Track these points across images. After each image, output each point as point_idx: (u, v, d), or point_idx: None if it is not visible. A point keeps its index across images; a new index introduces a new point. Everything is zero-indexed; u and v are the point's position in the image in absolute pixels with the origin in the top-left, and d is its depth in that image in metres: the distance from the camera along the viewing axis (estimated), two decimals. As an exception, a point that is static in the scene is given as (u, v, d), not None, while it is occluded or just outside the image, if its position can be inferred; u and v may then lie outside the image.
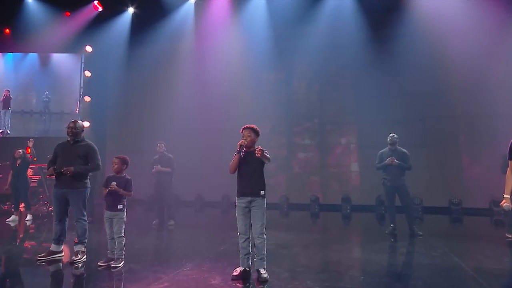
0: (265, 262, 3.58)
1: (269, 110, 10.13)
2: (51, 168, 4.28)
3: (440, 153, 8.72)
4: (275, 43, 9.55)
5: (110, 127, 10.99)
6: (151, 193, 7.17)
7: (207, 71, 9.99)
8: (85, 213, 4.40)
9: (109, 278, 3.67)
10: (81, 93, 10.68)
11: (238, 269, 3.60)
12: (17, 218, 7.21)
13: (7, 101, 10.81)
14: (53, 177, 4.34)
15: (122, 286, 3.43)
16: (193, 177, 9.27)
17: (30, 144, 7.86)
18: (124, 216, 4.16)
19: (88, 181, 4.43)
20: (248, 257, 3.62)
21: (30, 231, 6.32)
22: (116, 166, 4.17)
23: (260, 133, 3.75)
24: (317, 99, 9.95)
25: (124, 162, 4.25)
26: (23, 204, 7.95)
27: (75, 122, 4.43)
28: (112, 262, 3.98)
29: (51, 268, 3.97)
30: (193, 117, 9.95)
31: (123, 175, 4.21)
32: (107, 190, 4.04)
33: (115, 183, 4.09)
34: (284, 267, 3.99)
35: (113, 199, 4.08)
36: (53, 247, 4.35)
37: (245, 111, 10.05)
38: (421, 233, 5.72)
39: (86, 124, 10.44)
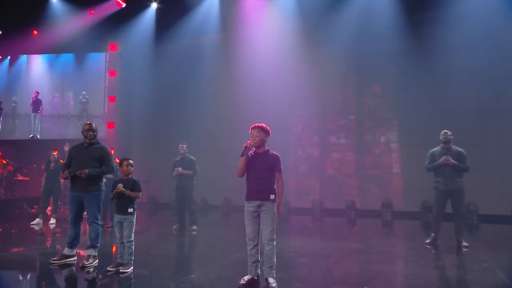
0: (274, 271, 3.62)
1: (300, 106, 10.13)
2: (66, 171, 4.60)
3: (501, 152, 8.19)
4: (306, 34, 9.52)
5: (135, 128, 11.57)
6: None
7: (234, 66, 10.18)
8: (99, 217, 4.71)
9: (114, 284, 3.91)
10: (106, 93, 11.37)
11: (246, 278, 3.67)
12: (41, 221, 7.84)
13: (36, 104, 11.69)
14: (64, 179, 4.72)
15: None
16: (221, 180, 9.51)
17: (66, 148, 8.36)
18: (134, 220, 4.38)
19: (102, 184, 4.73)
20: (257, 265, 3.68)
21: (57, 235, 6.81)
22: (130, 168, 4.44)
23: (270, 132, 3.77)
24: (353, 93, 9.78)
25: (132, 165, 4.52)
26: (50, 208, 8.62)
27: (90, 124, 4.73)
28: (121, 267, 4.23)
29: (64, 272, 4.29)
30: (221, 116, 10.19)
31: (129, 177, 4.47)
32: (114, 193, 4.32)
33: (121, 185, 4.35)
34: (298, 277, 4.01)
35: (123, 202, 4.32)
36: (66, 250, 4.66)
37: (275, 108, 10.13)
38: (466, 244, 5.46)
39: (111, 125, 11.13)
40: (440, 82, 8.57)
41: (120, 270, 4.16)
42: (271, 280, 3.58)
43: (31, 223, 7.78)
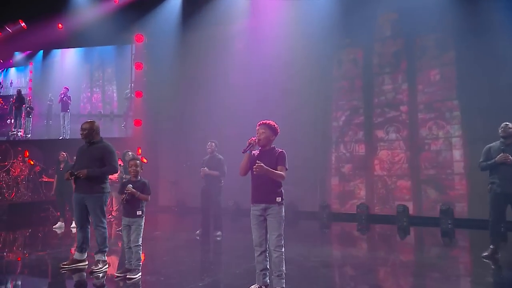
0: (284, 280, 3.69)
1: (341, 96, 10.02)
2: (68, 172, 4.97)
3: None
4: (344, 14, 9.39)
5: (162, 125, 12.04)
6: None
7: (265, 54, 10.28)
8: (104, 220, 4.99)
9: None
10: (132, 88, 11.96)
11: (253, 287, 3.79)
12: (63, 224, 8.48)
13: (65, 102, 12.48)
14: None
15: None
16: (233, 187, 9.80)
17: (61, 157, 8.83)
18: (143, 224, 4.65)
19: (106, 185, 5.02)
20: (265, 274, 3.79)
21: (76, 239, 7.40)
22: (137, 169, 4.71)
23: (278, 131, 3.88)
24: (405, 80, 9.49)
25: (142, 166, 4.78)
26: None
27: (87, 123, 5.04)
28: (128, 273, 4.50)
29: (73, 277, 4.65)
30: (253, 110, 10.31)
31: (138, 179, 4.74)
32: (124, 195, 4.60)
33: (131, 186, 4.61)
34: None
35: (132, 205, 4.59)
36: (76, 255, 5.02)
37: (312, 101, 10.14)
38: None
39: (138, 123, 11.70)
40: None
41: (127, 276, 4.45)
42: None
43: (53, 226, 8.44)
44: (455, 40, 8.91)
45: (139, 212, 4.61)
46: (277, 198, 3.73)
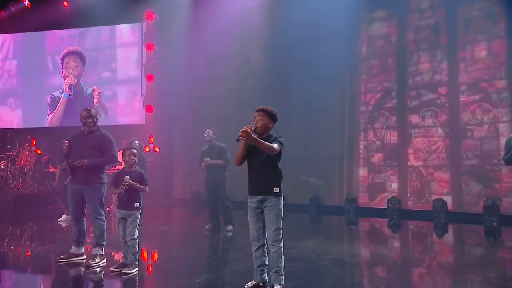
0: (282, 277, 3.82)
1: (371, 78, 9.92)
2: (65, 162, 5.16)
3: None
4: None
5: (175, 112, 12.24)
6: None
7: (287, 31, 10.25)
8: (102, 212, 5.20)
9: (115, 285, 4.43)
10: (143, 71, 12.17)
11: (250, 284, 3.92)
12: (67, 217, 8.84)
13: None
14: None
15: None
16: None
17: (65, 147, 9.25)
18: (139, 216, 4.85)
19: (104, 176, 5.23)
20: (263, 270, 3.92)
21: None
22: (133, 158, 4.87)
23: (277, 118, 3.98)
24: (444, 57, 9.29)
25: (136, 155, 4.93)
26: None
27: (89, 110, 5.25)
28: (124, 268, 4.68)
29: (68, 272, 4.90)
30: (273, 92, 10.39)
31: (134, 169, 4.88)
32: (122, 186, 4.71)
33: (128, 177, 4.76)
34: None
35: (129, 196, 4.76)
36: (73, 249, 5.27)
37: (336, 84, 10.09)
38: None
39: (150, 109, 11.95)
40: None
41: (123, 271, 4.64)
42: (276, 287, 3.79)
43: (58, 220, 8.84)
44: (505, 9, 8.61)
45: (136, 204, 4.79)
46: (274, 188, 3.83)
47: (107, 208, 9.49)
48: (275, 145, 3.79)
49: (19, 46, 13.63)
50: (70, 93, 12.70)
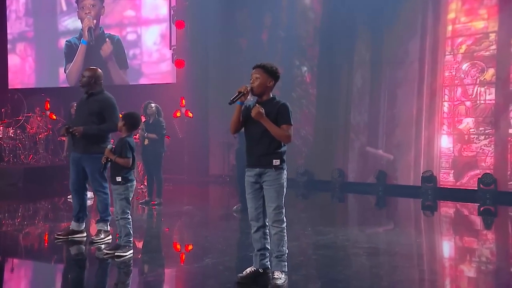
0: (284, 263, 4.06)
1: (461, 14, 9.65)
2: (64, 127, 5.66)
3: None
4: None
5: (212, 70, 12.61)
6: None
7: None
8: (105, 185, 5.69)
9: (101, 268, 4.92)
10: (171, 16, 12.46)
11: (248, 270, 4.18)
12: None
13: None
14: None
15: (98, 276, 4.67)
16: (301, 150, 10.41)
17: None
18: (127, 192, 5.13)
19: (106, 145, 5.52)
20: (264, 254, 4.17)
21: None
22: (119, 123, 5.19)
23: (278, 75, 4.12)
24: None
25: (124, 118, 5.16)
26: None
27: (88, 69, 5.74)
28: (117, 251, 5.06)
29: (71, 250, 5.49)
30: (332, 47, 10.67)
31: (123, 137, 5.16)
32: (104, 158, 5.11)
33: (110, 146, 5.19)
34: (329, 277, 4.42)
35: (112, 169, 5.15)
36: (72, 225, 5.80)
37: (417, 22, 9.94)
38: None
39: (181, 64, 12.31)
40: None
41: (116, 254, 5.04)
42: (277, 274, 4.02)
43: (68, 197, 9.53)
44: None
45: (118, 179, 5.10)
46: (274, 160, 4.01)
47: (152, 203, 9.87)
48: (289, 132, 3.97)
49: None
50: (90, 39, 13.26)
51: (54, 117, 12.36)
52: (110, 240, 5.61)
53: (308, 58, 11.37)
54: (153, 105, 8.43)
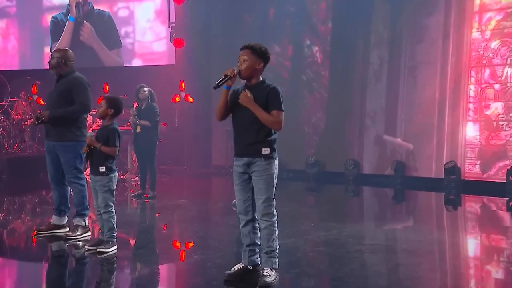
0: (275, 260, 4.10)
1: None
2: (35, 116, 5.68)
3: None
4: None
5: (216, 49, 12.50)
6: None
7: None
8: (80, 176, 5.68)
9: (81, 265, 5.00)
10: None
11: (237, 267, 4.21)
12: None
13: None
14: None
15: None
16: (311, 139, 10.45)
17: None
18: (111, 184, 5.13)
19: (82, 131, 5.62)
20: (253, 250, 4.21)
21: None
22: (100, 109, 5.15)
23: (268, 56, 4.12)
24: None
25: (111, 104, 5.12)
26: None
27: (57, 50, 5.77)
28: (100, 247, 5.06)
29: (51, 247, 5.51)
30: (345, 25, 10.65)
31: (108, 124, 5.14)
32: (86, 148, 5.05)
33: (92, 134, 5.15)
34: (323, 274, 4.54)
35: (94, 159, 5.10)
36: (54, 219, 5.82)
37: None
38: None
39: (180, 43, 12.21)
40: None
41: (98, 250, 5.05)
42: (266, 271, 4.04)
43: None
44: None
45: (102, 169, 5.08)
46: (264, 149, 4.03)
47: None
48: (280, 118, 3.98)
49: None
50: (78, 16, 13.18)
51: (42, 102, 12.30)
52: (90, 237, 5.60)
53: (319, 36, 11.30)
54: (145, 89, 8.40)
